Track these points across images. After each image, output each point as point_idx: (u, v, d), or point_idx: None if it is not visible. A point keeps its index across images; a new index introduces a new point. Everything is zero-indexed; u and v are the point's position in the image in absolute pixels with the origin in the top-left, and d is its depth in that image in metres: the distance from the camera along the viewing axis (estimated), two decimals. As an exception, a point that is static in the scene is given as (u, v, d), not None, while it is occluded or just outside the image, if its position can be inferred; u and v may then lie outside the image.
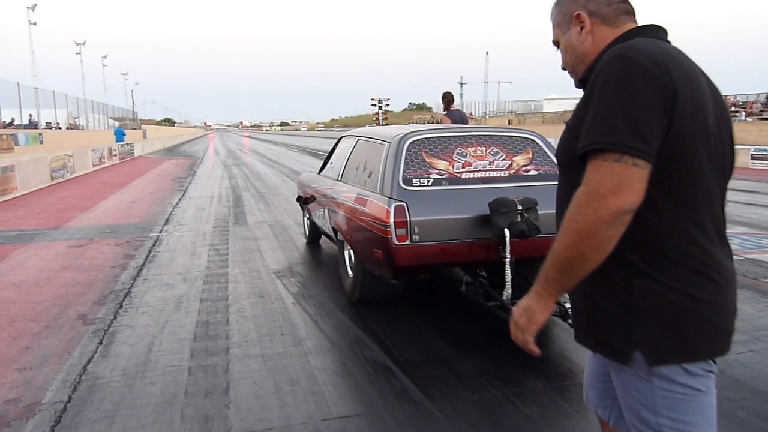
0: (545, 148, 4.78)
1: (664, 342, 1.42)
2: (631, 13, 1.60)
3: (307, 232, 7.63)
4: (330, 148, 7.02)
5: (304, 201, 7.25)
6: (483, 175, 4.51)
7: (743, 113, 30.08)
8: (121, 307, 5.10)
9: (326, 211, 5.87)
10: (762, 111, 29.59)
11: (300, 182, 7.87)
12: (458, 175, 4.46)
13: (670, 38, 1.54)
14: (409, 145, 4.51)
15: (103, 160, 24.27)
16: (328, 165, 6.54)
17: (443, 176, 4.42)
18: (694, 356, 1.43)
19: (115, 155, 27.34)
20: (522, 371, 3.70)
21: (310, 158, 27.14)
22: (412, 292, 5.37)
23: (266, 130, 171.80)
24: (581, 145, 1.40)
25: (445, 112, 9.02)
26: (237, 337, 4.35)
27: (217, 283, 5.82)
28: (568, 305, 3.96)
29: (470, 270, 4.59)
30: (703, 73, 1.47)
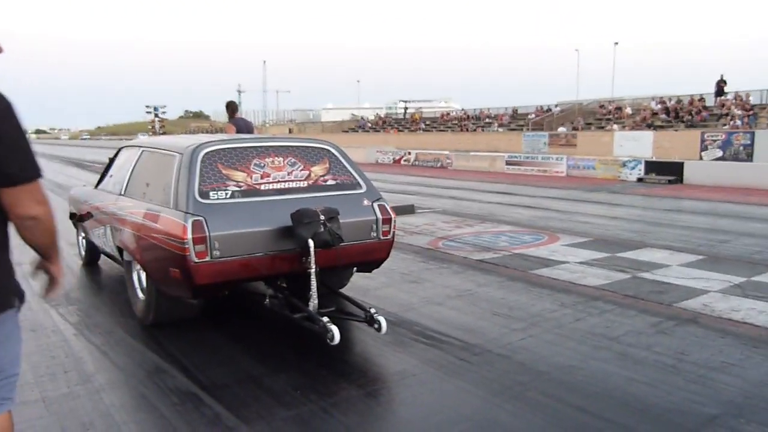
0: (341, 159, 4.86)
1: None
2: None
3: (83, 253, 6.90)
4: (102, 158, 6.45)
5: (78, 218, 6.58)
6: (282, 186, 4.45)
7: (495, 124, 34.03)
8: None
9: (108, 229, 5.36)
10: (510, 122, 33.76)
11: (72, 198, 7.11)
12: (257, 187, 4.35)
13: None
14: (203, 156, 4.29)
15: None
16: (107, 178, 5.99)
17: (241, 188, 4.28)
18: None
19: None
20: (334, 380, 3.73)
21: (77, 170, 24.49)
22: (212, 311, 5.12)
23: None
24: (30, 174, 1.88)
25: (229, 121, 8.83)
26: (7, 382, 3.72)
27: (-27, 320, 4.94)
28: (373, 311, 4.11)
29: (272, 283, 4.51)
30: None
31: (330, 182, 4.68)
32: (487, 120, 35.79)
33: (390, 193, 14.39)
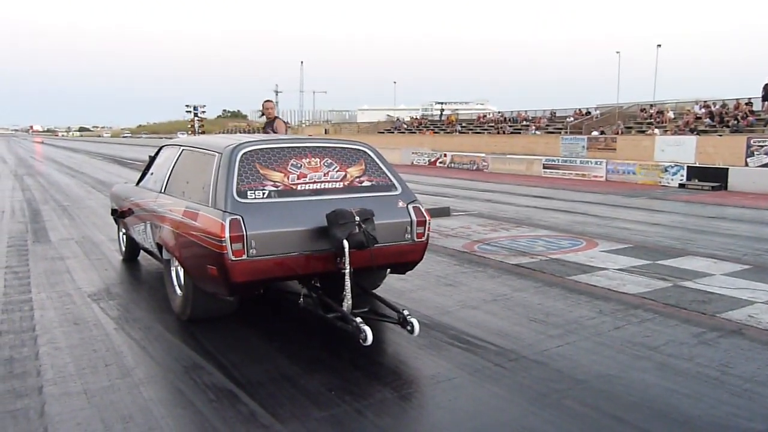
0: (377, 160, 4.86)
1: None
2: None
3: (124, 249, 7.04)
4: (142, 156, 6.65)
5: (119, 215, 6.76)
6: (318, 187, 4.47)
7: (533, 127, 33.62)
8: None
9: (148, 226, 5.46)
10: (548, 125, 33.31)
11: (114, 194, 7.32)
12: (294, 187, 4.38)
13: None
14: (242, 156, 4.34)
15: None
16: (148, 176, 6.13)
17: (278, 188, 4.32)
18: None
19: None
20: (368, 382, 3.72)
21: (118, 167, 25.10)
22: (247, 309, 5.17)
23: (62, 135, 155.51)
24: None
25: (275, 118, 8.78)
26: (51, 373, 3.83)
27: (19, 312, 5.10)
28: (406, 312, 4.10)
29: (307, 282, 4.52)
30: None
31: (366, 183, 4.70)
32: (524, 123, 35.39)
33: (425, 195, 14.36)
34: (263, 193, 4.24)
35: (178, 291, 4.92)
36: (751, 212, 12.11)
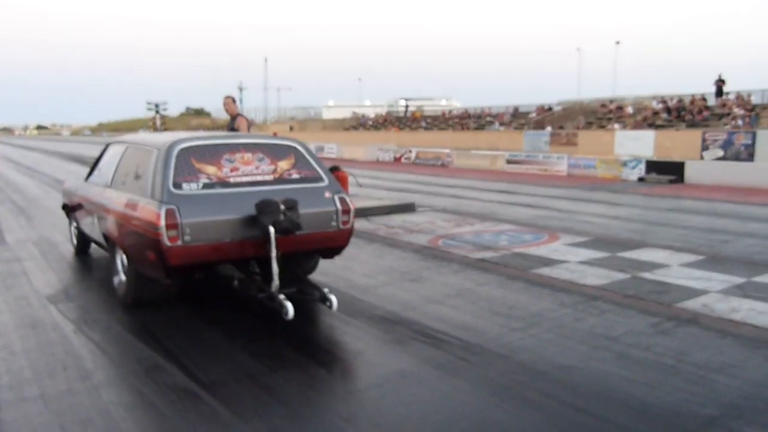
0: (307, 155, 5.23)
1: None
2: None
3: (75, 242, 7.33)
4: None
5: (70, 209, 7.11)
6: (250, 179, 4.84)
7: (497, 123, 33.97)
8: None
9: (95, 218, 5.77)
10: (511, 121, 33.70)
11: (66, 190, 7.60)
12: (227, 179, 4.75)
13: None
14: (178, 152, 4.70)
15: None
16: (96, 171, 6.41)
17: (212, 180, 4.70)
18: None
19: None
20: (332, 378, 3.74)
21: (78, 166, 24.50)
22: (209, 306, 5.12)
23: (19, 134, 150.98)
24: None
25: (238, 115, 8.67)
26: (6, 378, 3.73)
27: (-28, 316, 4.94)
28: (326, 290, 4.62)
29: (243, 267, 4.96)
30: None
31: (295, 176, 5.06)
32: (488, 118, 35.72)
33: (390, 191, 14.39)
34: (197, 185, 4.62)
35: (123, 277, 5.25)
36: (706, 204, 12.46)
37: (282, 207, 4.49)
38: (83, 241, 7.10)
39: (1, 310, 5.09)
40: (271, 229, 4.43)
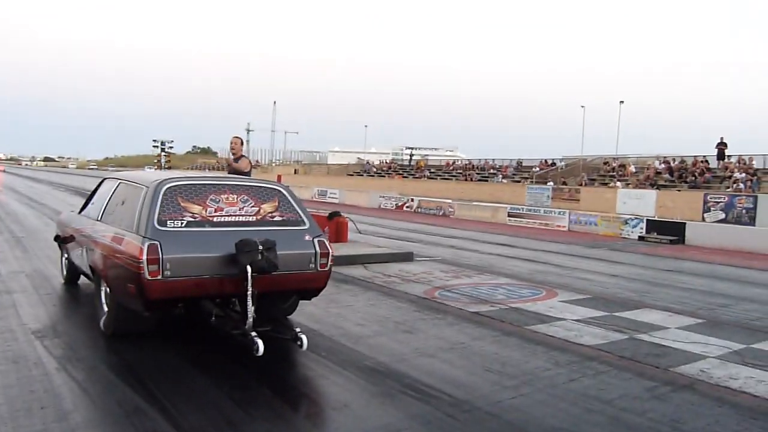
0: (290, 199, 5.40)
1: None
2: None
3: (65, 272, 7.48)
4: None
5: (62, 240, 7.24)
6: (233, 219, 5.00)
7: (500, 175, 34.20)
8: None
9: (84, 250, 5.88)
10: (514, 174, 33.94)
11: (60, 222, 7.85)
12: (210, 219, 4.91)
13: None
14: (165, 190, 4.85)
15: None
16: (90, 205, 6.58)
17: (196, 219, 4.85)
18: None
19: None
20: (313, 430, 3.61)
21: (80, 199, 24.57)
22: (202, 350, 5.02)
23: (26, 165, 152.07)
24: None
25: (241, 156, 8.80)
26: (-19, 415, 3.62)
27: (-45, 348, 4.85)
28: (298, 329, 4.69)
29: (223, 303, 5.08)
30: None
31: (277, 218, 5.22)
32: (491, 171, 36.00)
33: (390, 239, 14.36)
34: (181, 223, 4.77)
35: (105, 308, 5.34)
36: (707, 267, 12.39)
37: (260, 247, 4.60)
38: (72, 272, 7.21)
39: (-15, 343, 5.00)
40: (249, 268, 4.55)
